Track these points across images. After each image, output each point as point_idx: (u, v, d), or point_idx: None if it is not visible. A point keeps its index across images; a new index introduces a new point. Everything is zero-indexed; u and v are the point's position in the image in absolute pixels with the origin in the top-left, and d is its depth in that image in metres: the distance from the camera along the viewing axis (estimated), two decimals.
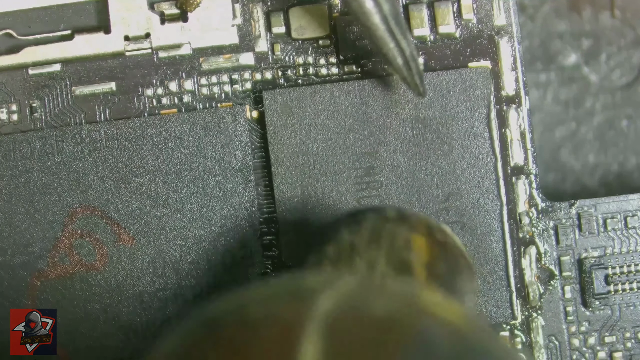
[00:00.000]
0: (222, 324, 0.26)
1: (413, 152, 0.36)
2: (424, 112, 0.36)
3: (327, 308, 0.25)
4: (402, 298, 0.27)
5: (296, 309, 0.26)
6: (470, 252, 0.36)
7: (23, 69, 0.37)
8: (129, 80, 0.37)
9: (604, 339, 0.37)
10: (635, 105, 0.44)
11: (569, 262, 0.37)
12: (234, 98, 0.37)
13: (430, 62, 0.37)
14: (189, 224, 0.36)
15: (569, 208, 0.37)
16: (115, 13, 0.37)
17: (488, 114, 0.36)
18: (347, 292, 0.26)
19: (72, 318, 0.36)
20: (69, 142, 0.37)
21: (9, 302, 0.36)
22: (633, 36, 0.44)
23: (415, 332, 0.25)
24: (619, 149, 0.44)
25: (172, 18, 0.37)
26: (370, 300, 0.26)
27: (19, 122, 0.37)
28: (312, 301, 0.26)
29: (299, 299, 0.26)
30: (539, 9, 0.44)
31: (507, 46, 0.37)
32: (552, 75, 0.44)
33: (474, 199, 0.36)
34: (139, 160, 0.36)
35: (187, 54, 0.37)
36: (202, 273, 0.36)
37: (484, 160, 0.36)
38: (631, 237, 0.37)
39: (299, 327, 0.25)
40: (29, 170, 0.36)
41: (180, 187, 0.36)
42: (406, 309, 0.26)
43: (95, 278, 0.36)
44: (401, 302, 0.27)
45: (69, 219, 0.36)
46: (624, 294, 0.37)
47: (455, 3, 0.37)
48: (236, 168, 0.36)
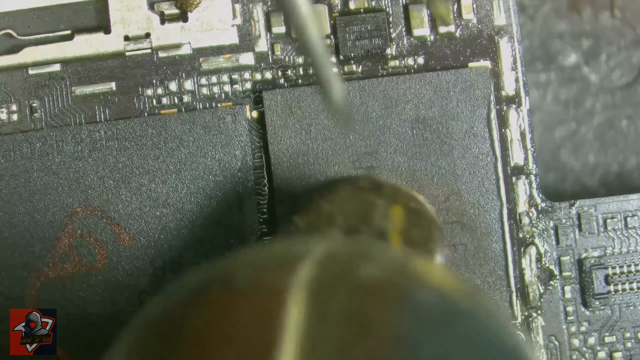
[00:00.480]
0: (208, 290, 0.26)
1: (413, 152, 0.36)
2: (424, 112, 0.36)
3: (312, 274, 0.25)
4: (387, 262, 0.27)
5: (282, 275, 0.26)
6: (471, 253, 0.36)
7: (23, 69, 0.37)
8: (129, 80, 0.37)
9: (604, 339, 0.37)
10: (635, 105, 0.44)
11: (569, 262, 0.37)
12: (234, 98, 0.37)
13: (430, 62, 0.37)
14: (189, 224, 0.36)
15: (569, 208, 0.37)
16: (115, 13, 0.37)
17: (488, 114, 0.36)
18: (331, 257, 0.27)
19: (72, 318, 0.36)
20: (69, 142, 0.37)
21: (9, 302, 0.36)
22: (633, 36, 0.44)
23: (401, 295, 0.26)
24: (619, 149, 0.44)
25: (172, 18, 0.37)
26: (355, 265, 0.26)
27: (19, 122, 0.37)
28: (298, 267, 0.26)
29: (285, 265, 0.26)
30: (539, 9, 0.44)
31: (507, 46, 0.37)
32: (552, 75, 0.44)
33: (474, 199, 0.36)
34: (139, 160, 0.36)
35: (187, 54, 0.37)
36: None
37: (484, 160, 0.36)
38: (631, 237, 0.37)
39: (284, 292, 0.25)
40: (29, 170, 0.36)
41: (180, 187, 0.36)
42: (391, 273, 0.26)
43: (95, 278, 0.36)
44: (386, 266, 0.27)
45: (69, 219, 0.36)
46: (624, 294, 0.37)
47: (455, 3, 0.37)
48: (236, 168, 0.36)
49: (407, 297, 0.26)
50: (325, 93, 0.30)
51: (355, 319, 0.25)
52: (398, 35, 0.37)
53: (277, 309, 0.25)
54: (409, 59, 0.37)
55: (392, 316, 0.25)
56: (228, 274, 0.27)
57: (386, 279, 0.26)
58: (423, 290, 0.26)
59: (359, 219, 0.33)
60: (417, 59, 0.37)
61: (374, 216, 0.33)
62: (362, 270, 0.26)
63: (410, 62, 0.37)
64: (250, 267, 0.27)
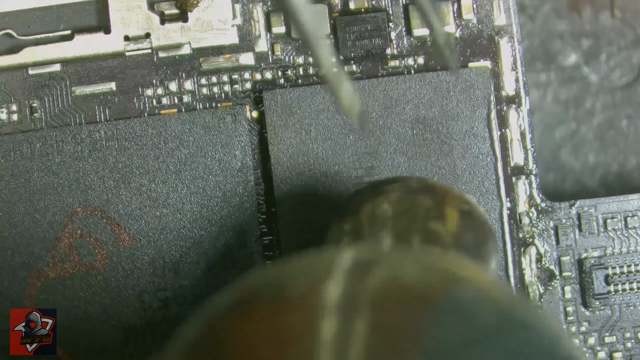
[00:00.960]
0: (257, 299, 0.26)
1: (413, 152, 0.36)
2: (424, 112, 0.36)
3: (367, 284, 0.25)
4: (440, 270, 0.26)
5: (321, 287, 0.25)
6: None
7: (23, 69, 0.37)
8: (129, 80, 0.37)
9: (604, 339, 0.37)
10: (635, 105, 0.44)
11: (569, 262, 0.37)
12: (234, 98, 0.37)
13: (430, 62, 0.37)
14: (189, 224, 0.36)
15: (569, 208, 0.37)
16: (115, 13, 0.37)
17: (488, 114, 0.36)
18: (376, 266, 0.26)
19: (72, 318, 0.36)
20: (69, 142, 0.37)
21: (9, 302, 0.36)
22: (633, 36, 0.44)
23: (456, 304, 0.25)
24: (619, 149, 0.44)
25: (172, 18, 0.37)
26: (401, 275, 0.26)
27: (19, 122, 0.37)
28: (339, 278, 0.25)
29: (324, 276, 0.26)
30: (539, 9, 0.44)
31: (507, 46, 0.37)
32: (552, 75, 0.44)
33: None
34: (139, 160, 0.36)
35: (187, 54, 0.37)
36: (202, 273, 0.36)
37: (484, 161, 0.36)
38: (631, 237, 0.37)
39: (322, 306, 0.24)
40: (29, 171, 0.36)
41: (180, 187, 0.36)
42: (446, 281, 0.26)
43: (95, 278, 0.36)
44: (440, 273, 0.26)
45: (69, 219, 0.36)
46: (624, 294, 0.37)
47: (455, 3, 0.37)
48: (236, 168, 0.36)
49: (462, 306, 0.25)
50: (336, 96, 0.31)
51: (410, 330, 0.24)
52: (398, 35, 0.37)
53: (315, 321, 0.24)
54: (409, 59, 0.37)
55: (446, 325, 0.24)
56: (279, 282, 0.26)
57: (439, 286, 0.25)
58: (478, 300, 0.25)
59: (411, 222, 0.31)
60: (417, 59, 0.37)
61: (426, 219, 0.32)
62: (408, 280, 0.25)
63: (410, 62, 0.37)
64: (301, 275, 0.26)
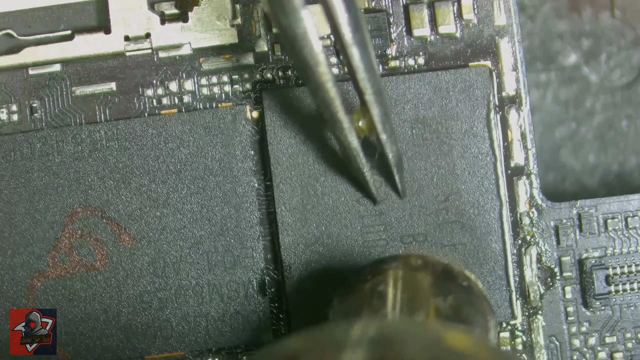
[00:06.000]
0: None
1: (413, 152, 0.36)
2: (424, 112, 0.36)
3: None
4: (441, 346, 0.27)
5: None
6: (470, 252, 0.36)
7: (23, 69, 0.37)
8: (129, 80, 0.37)
9: (604, 339, 0.37)
10: (635, 105, 0.44)
11: (569, 262, 0.37)
12: (234, 98, 0.37)
13: (431, 62, 0.37)
14: (189, 224, 0.36)
15: (570, 208, 0.37)
16: (115, 13, 0.37)
17: (488, 114, 0.36)
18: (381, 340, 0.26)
19: (72, 318, 0.36)
20: (69, 143, 0.37)
21: (9, 302, 0.36)
22: (633, 36, 0.44)
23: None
24: (619, 149, 0.44)
25: (172, 18, 0.37)
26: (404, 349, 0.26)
27: (19, 122, 0.37)
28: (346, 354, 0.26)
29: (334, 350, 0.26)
30: (539, 9, 0.44)
31: (507, 46, 0.37)
32: (552, 75, 0.44)
33: (473, 198, 0.36)
34: (139, 160, 0.36)
35: (187, 54, 0.37)
36: (202, 273, 0.36)
37: (484, 160, 0.36)
38: (632, 238, 0.37)
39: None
40: (29, 171, 0.36)
41: (180, 187, 0.36)
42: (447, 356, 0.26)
43: (95, 278, 0.36)
44: (442, 349, 0.27)
45: (69, 219, 0.36)
46: (625, 295, 0.37)
47: (455, 3, 0.37)
48: (236, 168, 0.36)
49: None
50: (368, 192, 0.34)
51: None
52: (398, 36, 0.37)
53: None
54: (409, 59, 0.37)
55: None
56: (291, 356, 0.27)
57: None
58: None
59: (412, 299, 0.32)
60: (417, 59, 0.37)
61: (427, 295, 0.33)
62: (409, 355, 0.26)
63: (411, 62, 0.37)
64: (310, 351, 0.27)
